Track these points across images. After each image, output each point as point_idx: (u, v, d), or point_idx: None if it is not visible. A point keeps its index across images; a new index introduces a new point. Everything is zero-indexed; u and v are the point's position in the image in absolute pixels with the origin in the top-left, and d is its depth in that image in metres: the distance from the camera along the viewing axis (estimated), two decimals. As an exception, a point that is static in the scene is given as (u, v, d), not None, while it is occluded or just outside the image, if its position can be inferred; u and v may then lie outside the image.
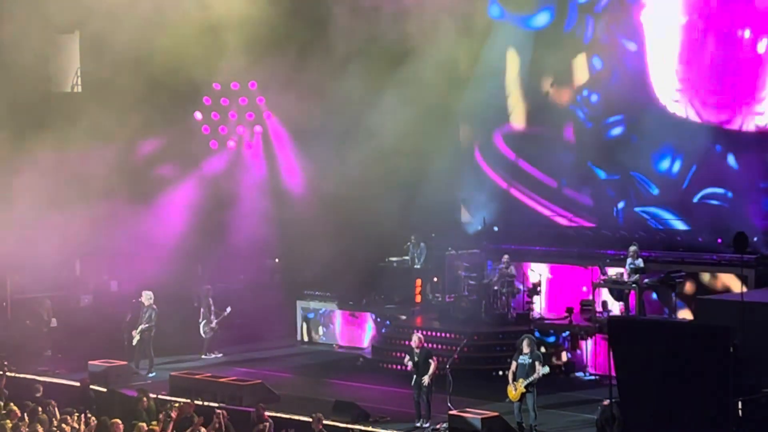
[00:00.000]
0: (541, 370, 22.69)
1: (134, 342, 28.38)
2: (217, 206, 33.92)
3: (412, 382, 23.74)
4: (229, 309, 30.54)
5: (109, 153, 32.88)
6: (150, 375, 28.00)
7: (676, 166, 29.83)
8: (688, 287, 28.16)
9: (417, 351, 23.74)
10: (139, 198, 33.70)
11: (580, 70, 31.25)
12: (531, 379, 22.68)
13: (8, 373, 25.28)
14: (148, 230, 32.93)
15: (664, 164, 30.00)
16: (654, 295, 28.14)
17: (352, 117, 31.29)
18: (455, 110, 32.73)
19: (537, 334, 26.89)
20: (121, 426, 20.42)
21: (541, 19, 31.81)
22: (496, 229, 31.99)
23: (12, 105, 31.82)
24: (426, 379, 23.43)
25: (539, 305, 29.66)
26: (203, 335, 30.32)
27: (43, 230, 32.35)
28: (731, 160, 28.97)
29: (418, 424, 23.62)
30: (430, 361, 23.57)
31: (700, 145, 29.09)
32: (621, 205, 30.63)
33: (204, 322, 30.34)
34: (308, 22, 32.41)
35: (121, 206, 33.32)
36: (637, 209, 30.45)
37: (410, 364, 23.78)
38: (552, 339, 28.11)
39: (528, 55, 31.89)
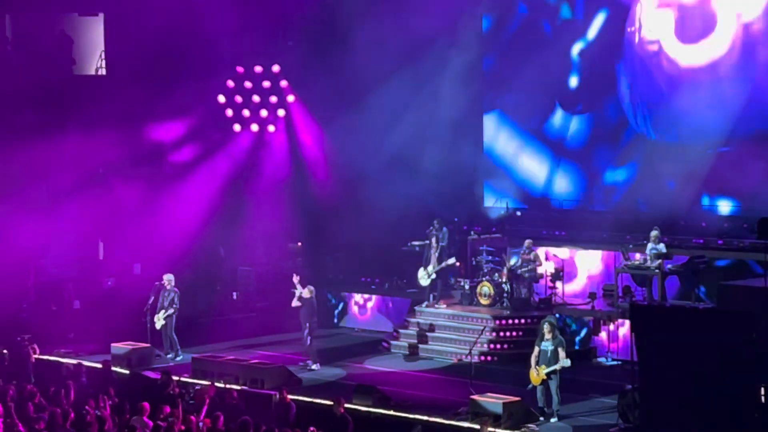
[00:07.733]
0: (563, 362, 22.59)
1: (158, 327, 28.12)
2: (239, 189, 33.96)
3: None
4: (453, 259, 29.28)
5: (132, 135, 32.99)
6: (177, 359, 27.83)
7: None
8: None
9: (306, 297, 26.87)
10: (162, 181, 33.78)
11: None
12: (552, 368, 22.62)
13: (34, 355, 25.38)
14: (171, 213, 32.99)
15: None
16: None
17: (374, 102, 31.24)
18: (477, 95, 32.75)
19: (559, 318, 26.83)
20: (149, 409, 20.45)
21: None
22: (519, 213, 31.94)
23: (36, 88, 31.91)
24: (294, 303, 26.87)
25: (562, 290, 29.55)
26: (422, 284, 29.24)
27: (66, 213, 32.48)
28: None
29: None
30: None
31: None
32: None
33: (423, 271, 29.12)
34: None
35: (144, 189, 33.41)
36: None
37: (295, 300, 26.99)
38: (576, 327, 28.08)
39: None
